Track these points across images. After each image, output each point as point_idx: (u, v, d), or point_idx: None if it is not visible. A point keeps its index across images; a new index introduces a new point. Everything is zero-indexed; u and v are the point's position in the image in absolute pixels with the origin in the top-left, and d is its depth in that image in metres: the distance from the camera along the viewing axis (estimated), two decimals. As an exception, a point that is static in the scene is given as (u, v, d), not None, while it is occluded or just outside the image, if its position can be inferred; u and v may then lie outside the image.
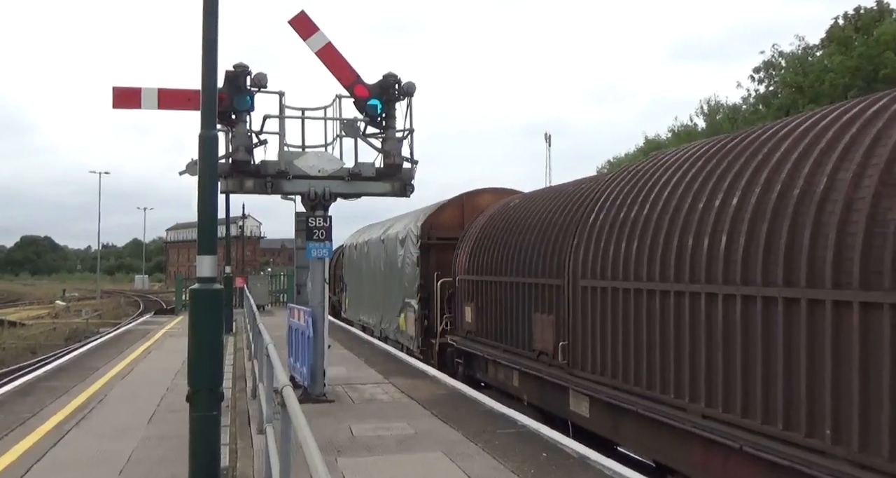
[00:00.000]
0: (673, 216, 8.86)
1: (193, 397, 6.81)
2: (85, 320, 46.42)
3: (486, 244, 15.51)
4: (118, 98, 10.58)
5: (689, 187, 8.86)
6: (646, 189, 9.95)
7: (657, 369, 8.78)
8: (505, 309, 14.04)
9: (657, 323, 8.79)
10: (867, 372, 5.87)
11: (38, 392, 13.14)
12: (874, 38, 37.65)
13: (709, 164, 8.85)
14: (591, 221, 10.99)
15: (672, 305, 8.48)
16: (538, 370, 12.25)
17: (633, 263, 9.45)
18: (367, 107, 12.18)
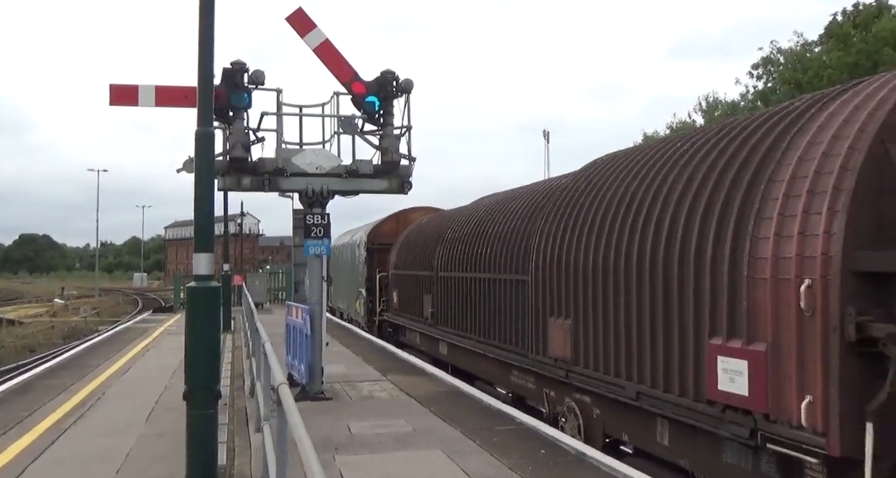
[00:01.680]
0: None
1: (191, 395, 6.80)
2: (83, 319, 46.40)
3: (406, 248, 22.13)
4: (115, 95, 10.56)
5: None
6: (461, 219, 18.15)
7: (471, 322, 15.24)
8: (412, 292, 20.68)
9: (472, 296, 15.21)
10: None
11: (36, 390, 13.12)
12: (873, 35, 37.62)
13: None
14: (447, 235, 18.05)
15: (471, 285, 15.30)
16: (423, 328, 19.41)
17: (463, 260, 16.06)
18: (365, 104, 12.17)
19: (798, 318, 6.34)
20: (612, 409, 9.58)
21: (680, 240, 8.10)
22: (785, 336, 6.50)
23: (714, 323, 7.40)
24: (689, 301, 7.78)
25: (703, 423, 7.55)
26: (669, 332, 8.14)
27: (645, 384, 8.56)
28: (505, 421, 10.34)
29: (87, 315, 48.71)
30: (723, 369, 7.16)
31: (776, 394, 6.56)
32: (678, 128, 54.97)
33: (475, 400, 11.96)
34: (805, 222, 6.43)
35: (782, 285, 6.53)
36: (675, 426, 8.29)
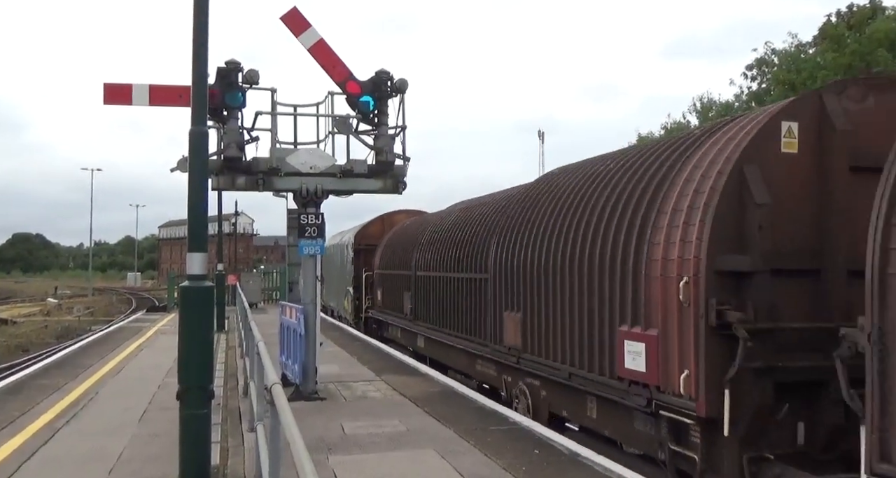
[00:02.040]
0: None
1: (184, 394, 6.79)
2: (77, 318, 46.34)
3: (389, 249, 23.85)
4: (109, 94, 10.53)
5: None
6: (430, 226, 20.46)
7: (443, 317, 17.02)
8: (394, 290, 22.34)
9: (444, 293, 17.09)
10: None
11: (28, 390, 13.09)
12: (867, 36, 37.72)
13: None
14: (424, 238, 19.73)
15: (443, 283, 17.15)
16: (404, 324, 21.01)
17: (437, 261, 17.92)
18: (360, 104, 12.15)
19: (679, 308, 8.01)
20: (555, 390, 11.30)
21: (600, 245, 9.82)
22: (670, 323, 8.15)
23: (622, 313, 9.15)
24: (606, 295, 9.53)
25: (617, 396, 9.26)
26: (592, 321, 9.88)
27: (575, 366, 10.33)
28: (499, 421, 10.34)
29: (80, 315, 48.66)
30: (628, 351, 8.83)
31: (664, 370, 8.23)
32: (673, 128, 55.07)
33: (469, 400, 11.97)
34: (685, 232, 8.07)
35: (668, 282, 8.19)
36: (599, 401, 9.99)
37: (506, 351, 12.87)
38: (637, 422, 9.18)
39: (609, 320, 9.41)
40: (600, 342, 9.65)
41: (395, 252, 22.77)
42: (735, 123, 8.91)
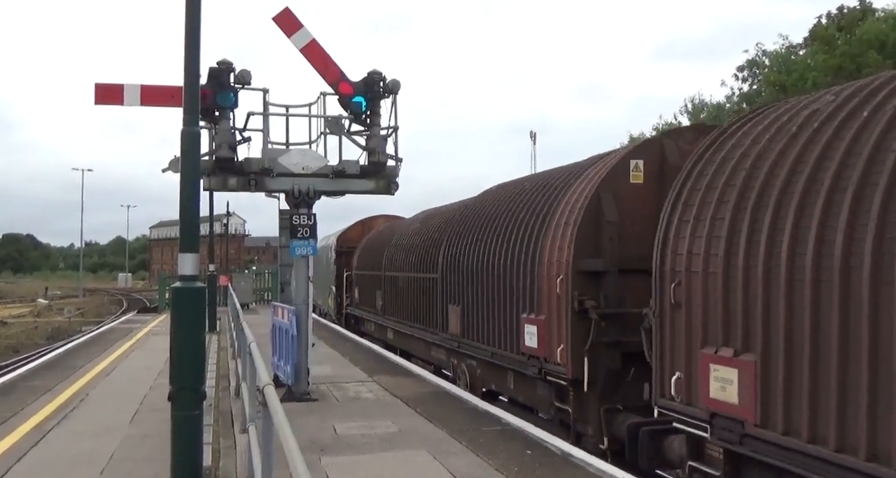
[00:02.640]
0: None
1: (175, 395, 6.77)
2: (67, 319, 46.14)
3: (365, 251, 26.20)
4: (100, 94, 10.49)
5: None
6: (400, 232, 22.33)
7: (406, 311, 19.40)
8: (368, 289, 24.64)
9: (406, 290, 19.53)
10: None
11: (19, 391, 13.03)
12: (857, 37, 37.91)
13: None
14: (393, 241, 21.97)
15: (406, 282, 19.52)
16: (376, 318, 23.36)
17: (401, 262, 20.18)
18: (352, 104, 12.15)
19: (557, 299, 10.61)
20: (486, 367, 13.78)
21: (513, 251, 12.26)
22: (552, 310, 10.81)
23: (524, 303, 11.76)
24: (516, 290, 12.03)
25: (522, 368, 11.79)
26: (506, 311, 12.45)
27: (496, 347, 12.88)
28: (491, 422, 10.35)
29: (71, 315, 48.44)
30: (527, 332, 11.49)
31: (549, 345, 10.82)
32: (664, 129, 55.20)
33: (461, 401, 11.98)
34: (561, 241, 10.70)
35: (551, 280, 10.81)
36: (515, 374, 12.47)
37: (450, 338, 15.52)
38: (538, 388, 11.63)
39: (516, 310, 12.05)
40: (511, 327, 12.30)
41: (370, 254, 25.10)
42: (603, 160, 11.44)
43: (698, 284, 7.67)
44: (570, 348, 10.25)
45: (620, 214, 10.43)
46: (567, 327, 10.37)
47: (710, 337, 7.51)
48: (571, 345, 10.23)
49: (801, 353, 6.31)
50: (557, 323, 10.66)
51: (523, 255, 11.91)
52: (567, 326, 10.37)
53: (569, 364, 10.26)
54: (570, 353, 10.24)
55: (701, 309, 7.63)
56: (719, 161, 7.92)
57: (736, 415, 7.05)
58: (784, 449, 6.48)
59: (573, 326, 10.26)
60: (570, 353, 10.24)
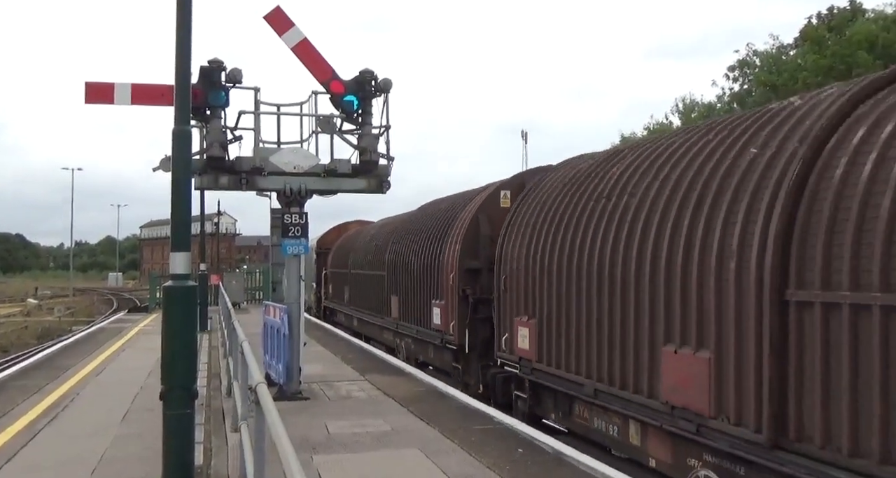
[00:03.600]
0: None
1: (167, 395, 6.75)
2: (57, 318, 45.96)
3: (338, 253, 30.64)
4: (91, 93, 10.44)
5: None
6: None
7: (365, 302, 23.60)
8: (339, 284, 29.34)
9: (365, 285, 23.49)
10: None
11: (8, 391, 12.97)
12: (847, 38, 38.05)
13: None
14: (357, 244, 26.36)
15: (365, 278, 23.59)
16: (345, 309, 27.80)
17: (361, 261, 24.65)
18: (344, 103, 12.14)
19: (450, 289, 15.07)
20: (416, 343, 18.37)
21: (427, 253, 17.18)
22: (448, 297, 15.24)
23: (433, 292, 16.52)
24: (430, 283, 16.72)
25: (433, 340, 16.52)
26: (423, 298, 17.23)
27: (420, 326, 17.55)
28: (483, 420, 10.36)
29: (61, 315, 48.24)
30: (434, 313, 16.11)
31: (446, 322, 15.34)
32: (655, 128, 55.32)
33: (453, 400, 11.98)
34: (454, 248, 15.15)
35: (449, 275, 15.22)
36: (432, 346, 16.93)
37: (393, 321, 20.14)
38: (444, 354, 16.24)
39: (429, 297, 16.68)
40: (426, 310, 16.78)
41: (341, 255, 29.88)
42: (486, 189, 16.02)
43: (514, 277, 12.28)
44: (458, 324, 14.82)
45: (492, 229, 14.55)
46: (455, 309, 14.94)
47: (518, 310, 12.05)
48: (458, 321, 14.82)
49: (558, 319, 10.69)
50: (451, 306, 15.23)
51: (433, 258, 16.66)
52: (456, 308, 14.94)
53: (457, 335, 14.85)
54: (458, 327, 14.81)
55: (515, 293, 12.20)
56: (527, 202, 12.94)
57: (528, 357, 11.63)
58: (552, 376, 10.93)
59: (459, 308, 14.81)
60: (458, 327, 14.81)
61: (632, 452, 9.20)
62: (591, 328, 9.70)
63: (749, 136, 7.94)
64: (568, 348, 10.32)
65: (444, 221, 16.81)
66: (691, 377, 7.66)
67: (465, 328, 14.45)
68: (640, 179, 9.43)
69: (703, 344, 7.56)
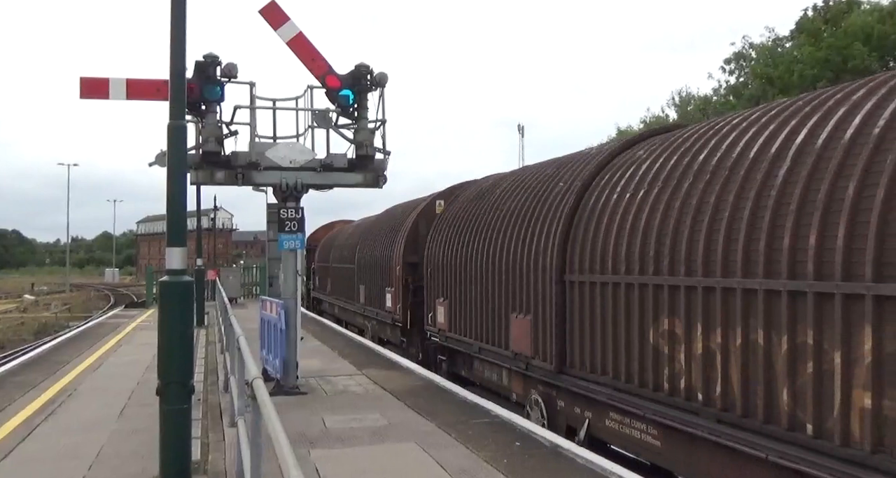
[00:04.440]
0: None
1: (164, 390, 6.75)
2: (54, 314, 45.89)
3: (323, 249, 34.37)
4: (85, 88, 10.41)
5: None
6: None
7: (343, 290, 28.46)
8: (324, 277, 33.41)
9: (342, 276, 28.69)
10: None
11: (6, 387, 12.97)
12: (843, 30, 38.03)
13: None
14: (338, 241, 31.00)
15: (342, 271, 28.80)
16: (328, 298, 32.01)
17: (340, 256, 29.59)
18: (339, 97, 12.12)
19: (398, 279, 19.32)
20: (378, 324, 22.56)
21: (383, 250, 21.22)
22: (396, 285, 19.40)
23: (386, 282, 20.61)
24: (384, 276, 20.90)
25: (387, 320, 20.63)
26: (380, 287, 21.45)
27: (379, 309, 21.60)
28: (480, 414, 10.37)
29: (57, 311, 48.19)
30: (387, 298, 20.41)
31: (394, 305, 19.67)
32: (652, 122, 55.31)
33: (450, 393, 11.99)
34: (399, 246, 19.52)
35: (395, 267, 19.54)
36: (389, 325, 20.86)
37: (361, 306, 24.60)
38: (395, 332, 20.27)
39: (383, 286, 21.02)
40: (382, 296, 21.10)
41: (325, 251, 33.74)
42: (427, 198, 20.21)
43: (436, 269, 16.20)
44: (402, 306, 19.05)
45: (428, 231, 17.77)
46: (400, 294, 19.17)
47: (438, 293, 16.05)
48: (402, 304, 19.02)
49: (461, 299, 14.50)
50: (397, 292, 19.44)
51: (387, 253, 20.94)
52: (400, 294, 19.17)
53: (402, 315, 19.11)
54: (402, 309, 19.06)
55: (436, 281, 16.22)
56: (448, 211, 16.93)
57: (444, 328, 15.54)
58: (456, 341, 14.81)
59: (403, 294, 19.05)
60: (402, 309, 19.06)
61: (504, 391, 12.92)
62: (477, 304, 13.68)
63: (553, 172, 12.35)
64: (466, 320, 14.29)
65: (396, 224, 21.04)
66: (523, 333, 11.62)
67: (407, 309, 18.79)
68: (506, 201, 13.53)
69: (528, 311, 11.47)
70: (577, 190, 10.71)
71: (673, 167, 8.94)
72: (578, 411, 10.25)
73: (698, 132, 9.38)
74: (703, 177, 8.18)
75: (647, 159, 9.75)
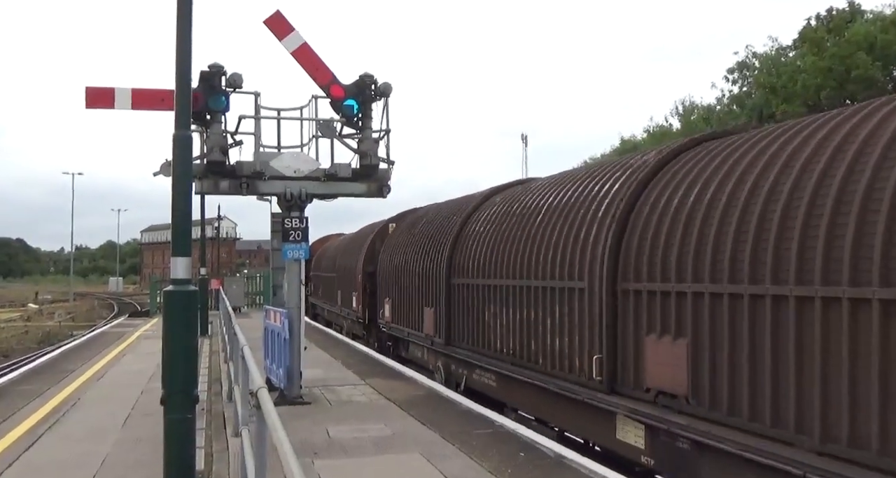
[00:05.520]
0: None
1: (168, 399, 6.74)
2: (58, 323, 45.93)
3: (317, 259, 36.72)
4: (91, 98, 10.48)
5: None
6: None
7: (330, 296, 31.82)
8: (318, 284, 36.26)
9: (330, 284, 32.37)
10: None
11: (10, 396, 12.98)
12: (846, 39, 38.10)
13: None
14: (328, 253, 35.03)
15: (331, 279, 32.24)
16: (318, 303, 36.34)
17: (328, 266, 33.77)
18: (344, 107, 12.15)
19: (360, 285, 24.12)
20: (350, 322, 26.46)
21: (349, 263, 26.76)
22: (358, 289, 24.35)
23: (351, 287, 25.45)
24: (352, 283, 25.37)
25: (354, 317, 25.25)
26: (348, 292, 26.20)
27: (349, 310, 25.97)
28: (484, 424, 10.35)
29: (61, 320, 48.23)
30: (353, 299, 25.12)
31: (358, 305, 24.36)
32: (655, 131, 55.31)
33: (454, 403, 11.97)
34: (361, 259, 24.32)
35: (356, 277, 24.70)
36: (355, 322, 25.26)
37: (339, 308, 28.70)
38: (359, 328, 24.47)
39: (351, 290, 25.28)
40: (350, 299, 25.28)
41: (319, 261, 36.98)
42: (383, 221, 24.72)
43: (386, 276, 20.50)
44: (362, 306, 23.53)
45: (381, 247, 22.48)
46: (361, 297, 23.62)
47: (385, 294, 20.37)
48: (362, 304, 23.51)
49: (398, 297, 19.14)
50: (359, 295, 23.88)
51: (353, 264, 25.54)
52: (361, 296, 23.62)
53: (363, 313, 23.63)
54: (362, 308, 23.57)
55: (385, 285, 20.61)
56: (395, 233, 21.79)
57: (388, 321, 19.92)
58: (397, 330, 19.22)
59: (363, 296, 23.42)
60: (362, 308, 23.57)
61: (425, 364, 17.14)
62: (406, 301, 18.34)
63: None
64: (401, 312, 18.84)
65: (361, 241, 26.11)
66: (430, 320, 16.13)
67: (366, 308, 23.35)
68: (422, 227, 18.67)
69: (432, 305, 16.07)
70: (460, 222, 15.48)
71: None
72: (460, 371, 14.69)
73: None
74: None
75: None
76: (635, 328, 8.69)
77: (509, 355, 11.96)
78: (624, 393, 8.88)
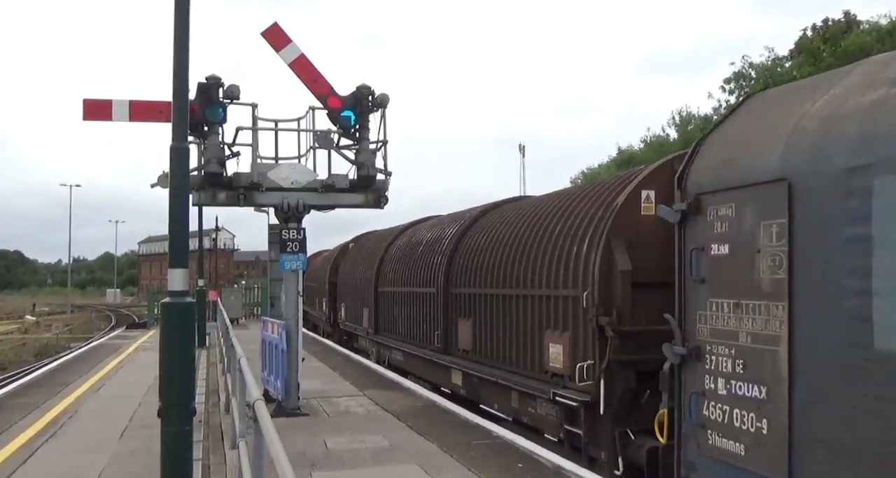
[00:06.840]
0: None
1: (165, 412, 6.73)
2: (55, 335, 45.82)
3: (315, 269, 35.94)
4: (89, 110, 10.49)
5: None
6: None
7: (316, 306, 33.98)
8: (308, 294, 34.42)
9: (314, 294, 34.74)
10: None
11: (7, 409, 12.94)
12: (842, 50, 38.25)
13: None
14: (316, 266, 35.32)
15: (323, 288, 32.38)
16: (307, 310, 30.90)
17: (319, 277, 34.09)
18: (341, 118, 12.18)
19: (327, 292, 29.53)
20: (326, 324, 30.13)
21: (322, 273, 31.82)
22: (328, 297, 29.55)
23: (330, 296, 29.42)
24: (326, 292, 29.79)
25: (325, 318, 30.28)
26: (320, 297, 31.80)
27: (322, 313, 31.19)
28: (482, 435, 10.33)
29: (59, 332, 48.13)
30: (324, 305, 30.65)
31: (327, 309, 29.66)
32: (653, 141, 55.42)
33: (452, 414, 11.95)
34: (328, 271, 29.73)
35: (324, 286, 30.39)
36: (327, 323, 29.97)
37: (319, 312, 31.46)
38: (329, 327, 29.29)
39: (323, 297, 30.82)
40: (321, 304, 31.18)
41: (310, 275, 38.14)
42: (346, 242, 31.56)
43: (341, 284, 27.60)
44: (329, 310, 28.83)
45: (343, 262, 27.62)
46: (328, 301, 28.85)
47: (342, 299, 27.13)
48: (329, 308, 28.83)
49: (350, 302, 25.35)
50: (328, 300, 28.90)
51: (324, 275, 30.05)
52: (328, 301, 28.79)
53: (329, 316, 28.58)
54: (329, 312, 28.79)
55: (342, 291, 27.34)
56: (351, 250, 28.50)
57: (345, 320, 26.25)
58: (351, 327, 25.23)
59: (329, 301, 28.73)
60: (329, 312, 28.79)
61: (368, 350, 22.16)
62: (353, 303, 23.80)
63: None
64: (350, 313, 24.93)
65: (331, 256, 31.16)
66: (367, 317, 22.08)
67: (331, 311, 28.43)
68: (369, 246, 24.43)
69: (368, 306, 21.75)
70: (385, 246, 21.96)
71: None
72: (386, 353, 20.00)
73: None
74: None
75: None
76: (456, 315, 14.86)
77: (405, 338, 18.25)
78: (451, 353, 14.98)
